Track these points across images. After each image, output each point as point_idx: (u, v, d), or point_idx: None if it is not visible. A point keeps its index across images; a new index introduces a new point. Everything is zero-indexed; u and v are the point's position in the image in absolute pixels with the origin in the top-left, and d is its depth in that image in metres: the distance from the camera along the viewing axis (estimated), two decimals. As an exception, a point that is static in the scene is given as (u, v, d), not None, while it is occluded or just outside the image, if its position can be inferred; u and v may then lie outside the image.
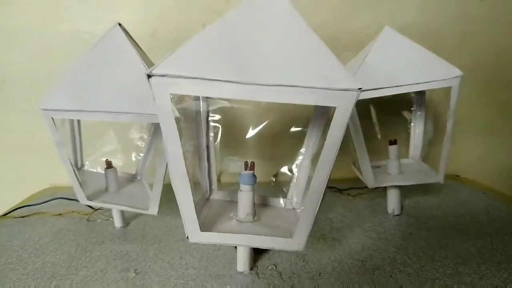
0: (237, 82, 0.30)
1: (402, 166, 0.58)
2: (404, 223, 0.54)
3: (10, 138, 0.72)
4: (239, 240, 0.37)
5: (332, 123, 0.30)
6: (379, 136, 0.60)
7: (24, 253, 0.46)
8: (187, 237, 0.36)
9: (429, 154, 0.67)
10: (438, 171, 0.53)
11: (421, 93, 0.57)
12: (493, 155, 0.79)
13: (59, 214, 0.58)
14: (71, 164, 0.45)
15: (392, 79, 0.46)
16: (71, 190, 0.50)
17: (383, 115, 0.61)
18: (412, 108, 0.59)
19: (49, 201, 0.61)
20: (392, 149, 0.56)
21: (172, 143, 0.32)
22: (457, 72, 0.45)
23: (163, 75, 0.30)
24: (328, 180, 0.34)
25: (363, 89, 0.31)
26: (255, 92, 0.30)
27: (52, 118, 0.41)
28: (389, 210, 0.57)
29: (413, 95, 0.58)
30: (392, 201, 0.56)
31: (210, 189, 0.47)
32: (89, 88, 0.41)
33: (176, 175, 0.33)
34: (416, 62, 0.47)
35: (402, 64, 0.47)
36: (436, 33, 0.72)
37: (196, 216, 0.35)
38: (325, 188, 0.34)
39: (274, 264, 0.43)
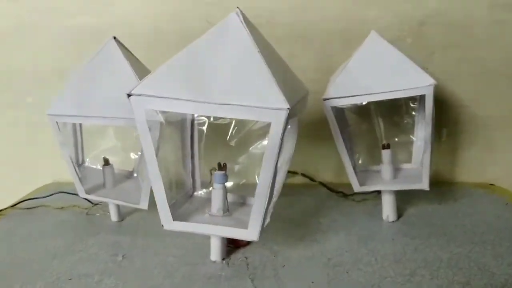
0: (196, 101, 0.54)
1: (401, 171, 0.79)
2: (394, 229, 0.76)
3: (15, 133, 1.02)
4: (204, 229, 0.61)
5: (269, 135, 0.54)
6: (384, 141, 0.81)
7: (30, 238, 0.74)
8: (162, 225, 0.61)
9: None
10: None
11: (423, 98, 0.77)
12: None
13: (61, 208, 0.86)
14: (72, 162, 0.72)
15: (368, 87, 0.67)
16: (73, 185, 0.77)
17: (388, 119, 0.82)
18: (414, 113, 0.79)
19: (52, 195, 0.89)
20: (385, 153, 0.77)
21: (148, 148, 0.57)
22: (430, 80, 0.66)
23: (139, 95, 0.55)
24: (281, 183, 0.57)
25: (336, 96, 0.54)
26: (210, 109, 0.54)
27: (56, 122, 0.68)
28: (384, 217, 0.78)
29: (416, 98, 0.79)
30: (386, 207, 0.77)
31: (194, 187, 0.72)
32: (88, 96, 0.67)
33: (152, 174, 0.58)
34: (393, 70, 0.67)
35: (380, 72, 0.68)
36: (464, 23, 0.90)
37: (168, 207, 0.60)
38: (279, 191, 0.57)
39: (245, 257, 0.67)
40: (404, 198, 0.82)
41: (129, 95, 0.55)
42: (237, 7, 0.59)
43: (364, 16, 0.91)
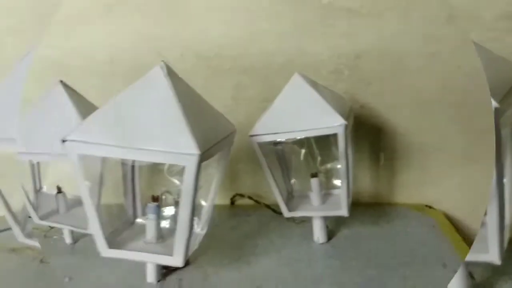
0: (119, 146, 0.63)
1: (331, 197, 0.88)
2: (321, 251, 0.85)
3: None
4: (137, 256, 0.71)
5: (184, 176, 0.63)
6: (313, 171, 0.90)
7: None
8: (99, 252, 0.71)
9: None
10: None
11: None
12: (472, 184, 1.05)
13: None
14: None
15: (288, 126, 0.77)
16: None
17: (320, 150, 0.91)
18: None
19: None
20: (313, 181, 0.86)
21: (82, 187, 0.67)
22: (341, 121, 0.75)
23: (72, 140, 0.64)
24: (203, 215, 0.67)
25: (259, 133, 0.64)
26: (132, 153, 0.63)
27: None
28: (315, 238, 0.88)
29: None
30: (316, 229, 0.87)
31: (135, 215, 0.82)
32: (33, 134, 0.77)
33: (88, 210, 0.68)
34: (310, 110, 0.77)
35: (299, 111, 0.77)
36: (398, 55, 0.99)
37: (102, 236, 0.69)
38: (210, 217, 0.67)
39: (179, 278, 0.77)
40: (339, 220, 0.90)
41: (63, 141, 0.65)
42: (162, 60, 0.68)
43: (304, 50, 1.00)
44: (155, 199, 0.74)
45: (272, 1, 0.99)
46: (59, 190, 0.89)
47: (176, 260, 0.69)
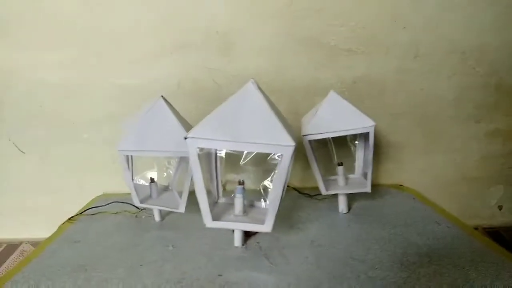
0: (230, 141, 0.56)
1: (349, 179, 0.84)
2: (347, 218, 0.80)
3: (76, 160, 1.00)
4: (234, 226, 0.64)
5: (281, 162, 0.57)
6: (335, 160, 0.86)
7: (100, 236, 0.73)
8: (205, 224, 0.63)
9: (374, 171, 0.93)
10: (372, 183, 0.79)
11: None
12: (430, 170, 1.05)
13: (116, 213, 0.85)
14: (132, 181, 0.72)
15: (331, 127, 0.72)
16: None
17: (340, 146, 0.87)
18: (356, 141, 0.84)
19: (108, 204, 0.87)
20: (339, 168, 0.82)
21: (196, 172, 0.59)
22: (371, 122, 0.71)
23: (192, 137, 0.57)
24: (284, 192, 0.60)
25: (313, 133, 0.59)
26: (241, 146, 0.57)
27: (124, 155, 0.69)
28: (340, 210, 0.83)
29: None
30: (341, 203, 0.82)
31: (218, 196, 0.74)
32: (146, 136, 0.68)
33: (198, 188, 0.60)
34: (347, 116, 0.73)
35: (338, 117, 0.73)
36: (381, 82, 0.97)
37: (209, 211, 0.61)
38: (283, 195, 0.60)
39: (257, 242, 0.70)
40: (349, 196, 0.86)
41: (185, 138, 0.57)
42: (252, 79, 0.62)
43: (318, 77, 0.96)
44: (241, 183, 0.67)
45: (294, 42, 0.95)
46: (152, 180, 0.79)
47: (267, 227, 0.62)
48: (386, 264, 0.61)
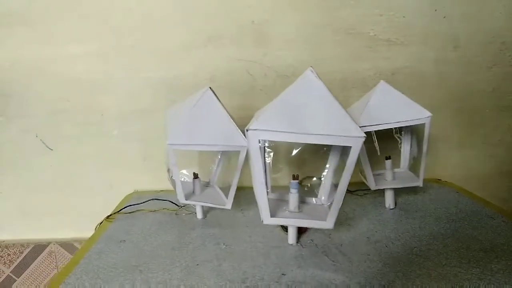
0: (293, 133, 0.53)
1: (395, 174, 0.81)
2: (396, 214, 0.77)
3: (105, 156, 0.96)
4: (294, 222, 0.61)
5: (350, 153, 0.54)
6: (378, 153, 0.82)
7: (145, 235, 0.70)
8: (262, 220, 0.60)
9: (416, 165, 0.90)
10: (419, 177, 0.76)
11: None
12: (466, 164, 1.02)
13: (154, 211, 0.82)
14: (179, 177, 0.69)
15: (385, 118, 0.69)
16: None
17: (384, 139, 0.84)
18: (401, 134, 0.81)
19: (146, 201, 0.84)
20: (387, 162, 0.79)
21: (258, 165, 0.56)
22: (428, 113, 0.68)
23: (254, 129, 0.54)
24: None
25: (366, 125, 0.55)
26: (306, 138, 0.53)
27: (172, 150, 0.65)
28: (386, 205, 0.80)
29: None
30: (388, 198, 0.79)
31: (267, 192, 0.71)
32: (195, 130, 0.65)
33: (257, 183, 0.57)
34: (401, 107, 0.70)
35: (391, 108, 0.70)
36: (420, 74, 0.95)
37: (268, 207, 0.58)
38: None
39: (311, 239, 0.67)
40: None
41: (247, 130, 0.54)
42: (311, 67, 0.59)
43: (355, 69, 0.93)
44: (295, 177, 0.64)
45: (332, 33, 0.91)
46: (196, 176, 0.76)
47: (329, 223, 0.59)
48: (452, 261, 0.59)
